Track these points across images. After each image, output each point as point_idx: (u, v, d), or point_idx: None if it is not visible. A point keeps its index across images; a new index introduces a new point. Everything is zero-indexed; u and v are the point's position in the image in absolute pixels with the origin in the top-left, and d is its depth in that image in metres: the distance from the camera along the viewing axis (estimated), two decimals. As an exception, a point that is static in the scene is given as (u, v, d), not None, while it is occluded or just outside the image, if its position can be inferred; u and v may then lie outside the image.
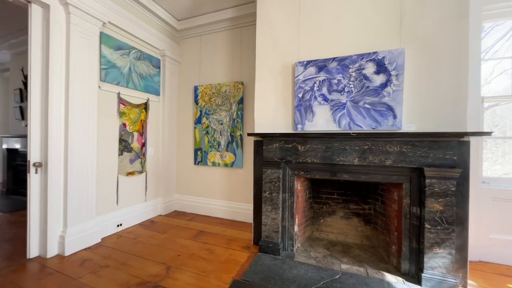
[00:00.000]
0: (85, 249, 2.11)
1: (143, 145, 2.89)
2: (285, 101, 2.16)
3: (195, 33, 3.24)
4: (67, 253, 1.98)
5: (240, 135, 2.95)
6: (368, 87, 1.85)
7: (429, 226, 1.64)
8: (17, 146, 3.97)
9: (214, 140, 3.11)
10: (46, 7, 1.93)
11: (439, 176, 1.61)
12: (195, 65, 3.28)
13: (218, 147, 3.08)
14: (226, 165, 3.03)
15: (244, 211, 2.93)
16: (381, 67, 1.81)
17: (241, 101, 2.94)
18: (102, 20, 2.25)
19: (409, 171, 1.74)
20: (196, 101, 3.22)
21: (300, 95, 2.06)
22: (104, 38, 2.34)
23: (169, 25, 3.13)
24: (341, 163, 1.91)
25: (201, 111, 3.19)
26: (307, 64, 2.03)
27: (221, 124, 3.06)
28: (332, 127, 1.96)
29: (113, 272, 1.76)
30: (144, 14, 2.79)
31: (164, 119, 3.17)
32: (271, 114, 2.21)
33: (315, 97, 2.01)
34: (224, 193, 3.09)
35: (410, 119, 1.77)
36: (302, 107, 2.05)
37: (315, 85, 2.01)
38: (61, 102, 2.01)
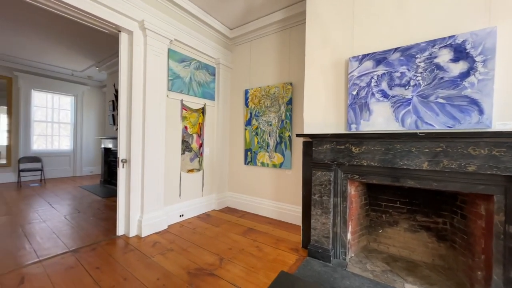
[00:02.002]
0: (155, 233, 2.50)
1: (201, 145, 3.22)
2: (336, 99, 2.04)
3: (246, 39, 3.40)
4: (143, 235, 2.39)
5: (289, 136, 2.94)
6: (442, 78, 1.57)
7: (536, 253, 1.26)
8: (110, 145, 5.02)
9: (263, 141, 3.19)
10: (130, 34, 2.38)
11: (553, 188, 1.22)
12: (245, 70, 3.45)
13: (267, 148, 3.14)
14: (274, 165, 3.07)
15: (291, 212, 2.90)
16: (460, 53, 1.51)
17: (289, 102, 2.92)
18: (169, 38, 2.63)
19: (504, 180, 1.38)
20: (246, 104, 3.38)
21: (355, 93, 1.91)
22: (171, 53, 2.73)
23: (223, 35, 3.39)
24: (405, 167, 1.67)
25: (251, 113, 3.33)
26: (362, 58, 1.87)
27: (270, 125, 3.12)
28: (393, 127, 1.74)
29: (177, 256, 2.02)
30: (202, 28, 3.11)
31: (218, 121, 3.45)
32: (321, 114, 2.12)
33: (373, 94, 1.83)
34: (272, 193, 3.13)
35: (504, 115, 1.40)
36: (357, 105, 1.90)
37: (372, 80, 1.83)
38: (140, 110, 2.44)
